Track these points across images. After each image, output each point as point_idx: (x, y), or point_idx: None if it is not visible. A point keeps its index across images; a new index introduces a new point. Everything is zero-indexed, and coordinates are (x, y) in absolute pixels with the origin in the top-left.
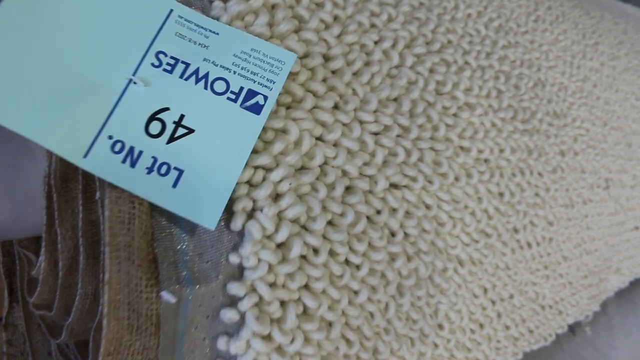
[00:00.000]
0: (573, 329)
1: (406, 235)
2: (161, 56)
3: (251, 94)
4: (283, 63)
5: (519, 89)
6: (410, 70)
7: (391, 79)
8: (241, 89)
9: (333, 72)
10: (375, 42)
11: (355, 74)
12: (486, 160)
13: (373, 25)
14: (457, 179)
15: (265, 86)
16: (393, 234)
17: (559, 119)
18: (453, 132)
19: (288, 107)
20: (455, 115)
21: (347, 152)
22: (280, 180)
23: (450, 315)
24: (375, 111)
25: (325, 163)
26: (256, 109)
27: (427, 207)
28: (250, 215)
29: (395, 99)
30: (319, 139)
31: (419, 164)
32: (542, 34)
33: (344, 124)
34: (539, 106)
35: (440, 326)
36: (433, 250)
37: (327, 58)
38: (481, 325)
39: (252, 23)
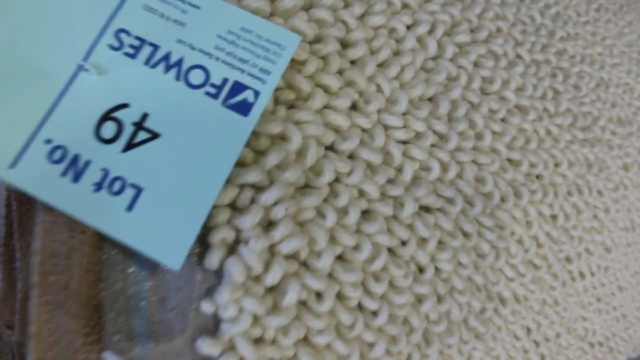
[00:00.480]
0: None
1: (438, 270)
2: (122, 36)
3: (238, 87)
4: (283, 48)
5: (579, 89)
6: (450, 63)
7: (426, 74)
8: (225, 81)
9: (352, 62)
10: (408, 27)
11: (380, 65)
12: (539, 177)
13: (405, 6)
14: (503, 199)
15: (258, 78)
16: (421, 270)
17: (623, 126)
18: (501, 142)
19: (290, 107)
20: (503, 120)
21: (367, 166)
22: (275, 204)
23: None
24: (404, 114)
25: (337, 180)
26: (244, 107)
27: (466, 235)
28: (232, 249)
29: (430, 99)
30: (329, 148)
31: (457, 181)
32: (605, 25)
33: (364, 130)
34: (601, 111)
35: None
36: (470, 288)
37: (344, 44)
38: None
39: None
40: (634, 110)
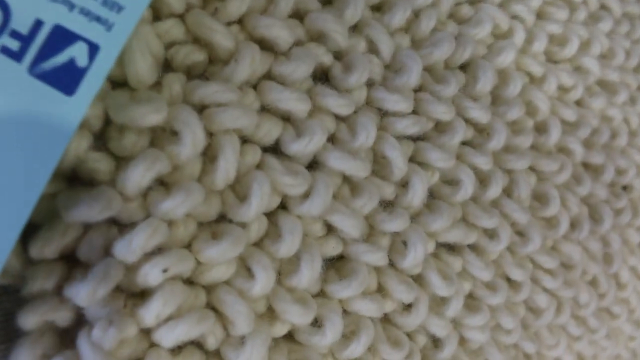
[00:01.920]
0: None
1: (464, 340)
2: None
3: (60, 38)
4: None
5: None
6: (499, 10)
7: (457, 25)
8: (37, 24)
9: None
10: None
11: (373, 6)
12: (627, 188)
13: None
14: (573, 225)
15: (98, 19)
16: (436, 345)
17: None
18: (575, 137)
19: (197, 77)
20: (580, 103)
21: (342, 181)
22: (145, 259)
23: None
24: (417, 90)
25: (283, 207)
26: (67, 77)
27: (513, 285)
28: (65, 338)
29: (462, 67)
30: (271, 150)
31: (503, 201)
32: None
33: (338, 117)
34: None
35: None
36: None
37: None
38: None
39: None
40: None
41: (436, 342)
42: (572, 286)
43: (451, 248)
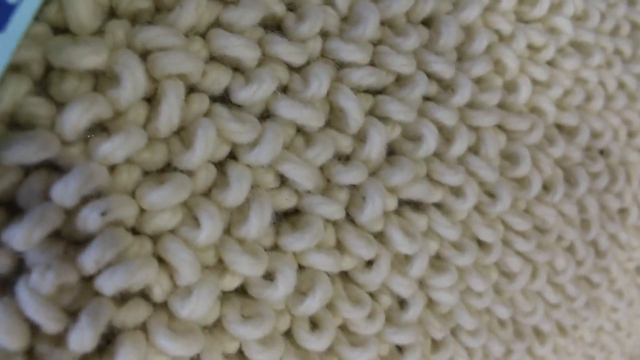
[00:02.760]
0: None
1: (432, 303)
2: None
3: None
4: None
5: None
6: None
7: None
8: None
9: None
10: None
11: None
12: (604, 153)
13: None
14: (547, 188)
15: None
16: (402, 306)
17: None
18: (546, 97)
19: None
20: (552, 63)
21: (296, 131)
22: (82, 201)
23: None
24: (375, 43)
25: (233, 157)
26: None
27: (483, 245)
28: (5, 285)
29: (425, 22)
30: (220, 100)
31: (469, 158)
32: None
33: (292, 68)
34: None
35: None
36: (487, 324)
37: None
38: None
39: None
40: None
41: (402, 304)
42: (546, 250)
43: (416, 206)
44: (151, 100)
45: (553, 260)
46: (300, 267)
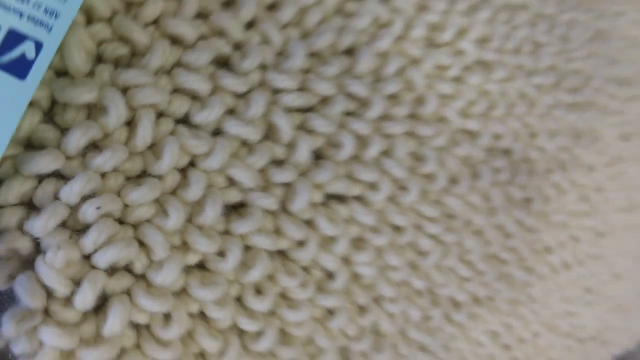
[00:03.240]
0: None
1: (356, 276)
2: None
3: (14, 38)
4: None
5: (568, 41)
6: (380, 4)
7: (343, 19)
8: None
9: (224, 2)
10: None
11: (269, 6)
12: (507, 152)
13: None
14: (454, 181)
15: (41, 23)
16: (330, 277)
17: (624, 87)
18: (451, 108)
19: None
20: (457, 80)
21: (241, 144)
22: (83, 200)
23: None
24: (306, 71)
25: (193, 164)
26: (20, 67)
27: (397, 229)
28: (27, 263)
29: (348, 52)
30: (183, 122)
31: (383, 160)
32: None
33: (237, 95)
34: (597, 69)
35: None
36: (405, 293)
37: None
38: None
39: None
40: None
41: (330, 276)
42: (455, 232)
43: (340, 199)
44: (130, 123)
45: (462, 241)
46: (246, 247)
